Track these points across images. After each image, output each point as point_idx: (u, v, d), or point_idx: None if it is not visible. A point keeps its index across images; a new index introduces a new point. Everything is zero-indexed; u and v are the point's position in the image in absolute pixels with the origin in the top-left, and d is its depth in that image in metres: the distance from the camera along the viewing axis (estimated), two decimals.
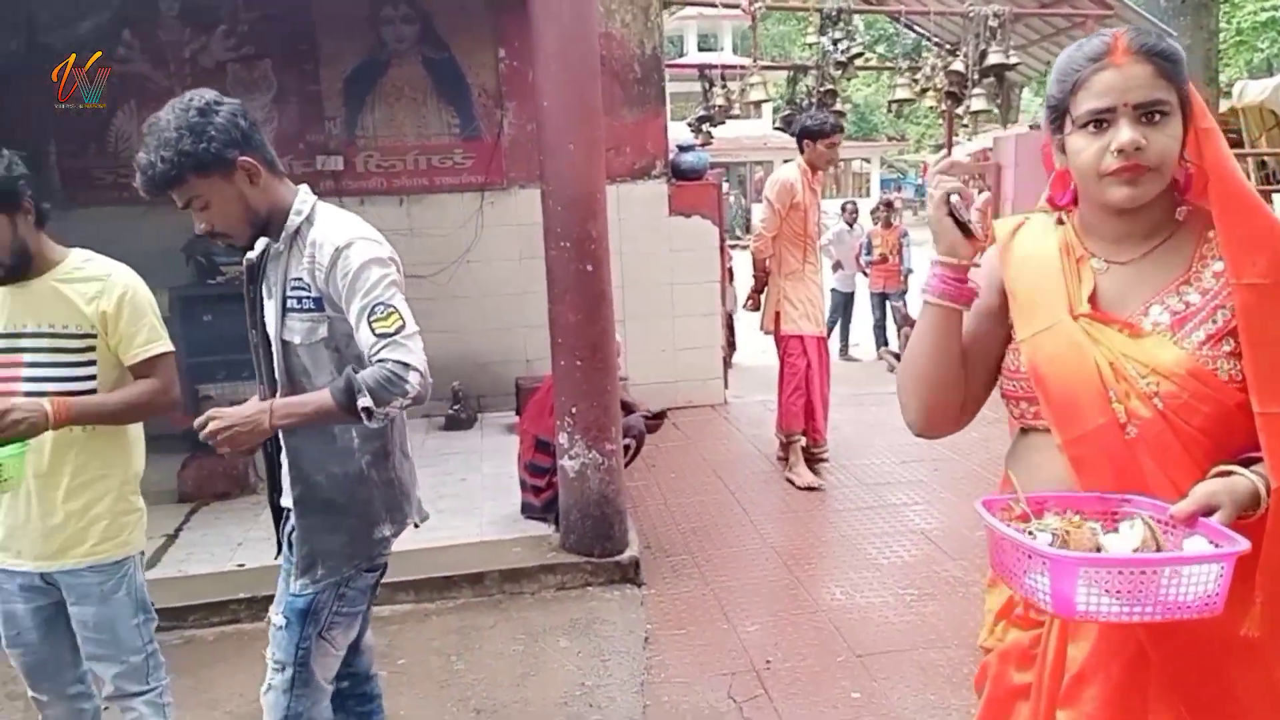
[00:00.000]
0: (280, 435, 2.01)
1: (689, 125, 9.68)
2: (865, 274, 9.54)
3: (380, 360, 1.84)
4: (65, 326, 2.18)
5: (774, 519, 4.77)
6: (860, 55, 7.92)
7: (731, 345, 9.04)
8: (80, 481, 2.23)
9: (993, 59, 7.36)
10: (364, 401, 1.80)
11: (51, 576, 2.26)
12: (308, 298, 1.93)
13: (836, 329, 9.66)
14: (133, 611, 2.34)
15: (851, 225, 9.50)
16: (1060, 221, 1.48)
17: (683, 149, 7.00)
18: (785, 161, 5.70)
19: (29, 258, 2.15)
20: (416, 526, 2.21)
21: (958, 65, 7.72)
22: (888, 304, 9.34)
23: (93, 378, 2.22)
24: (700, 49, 29.44)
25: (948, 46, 8.69)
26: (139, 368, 2.26)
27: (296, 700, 2.05)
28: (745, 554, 4.31)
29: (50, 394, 2.13)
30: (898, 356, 7.91)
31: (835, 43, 7.53)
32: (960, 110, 8.12)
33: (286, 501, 2.09)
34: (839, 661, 3.33)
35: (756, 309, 5.52)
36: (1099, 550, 1.23)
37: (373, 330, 1.85)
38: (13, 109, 5.55)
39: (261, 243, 2.03)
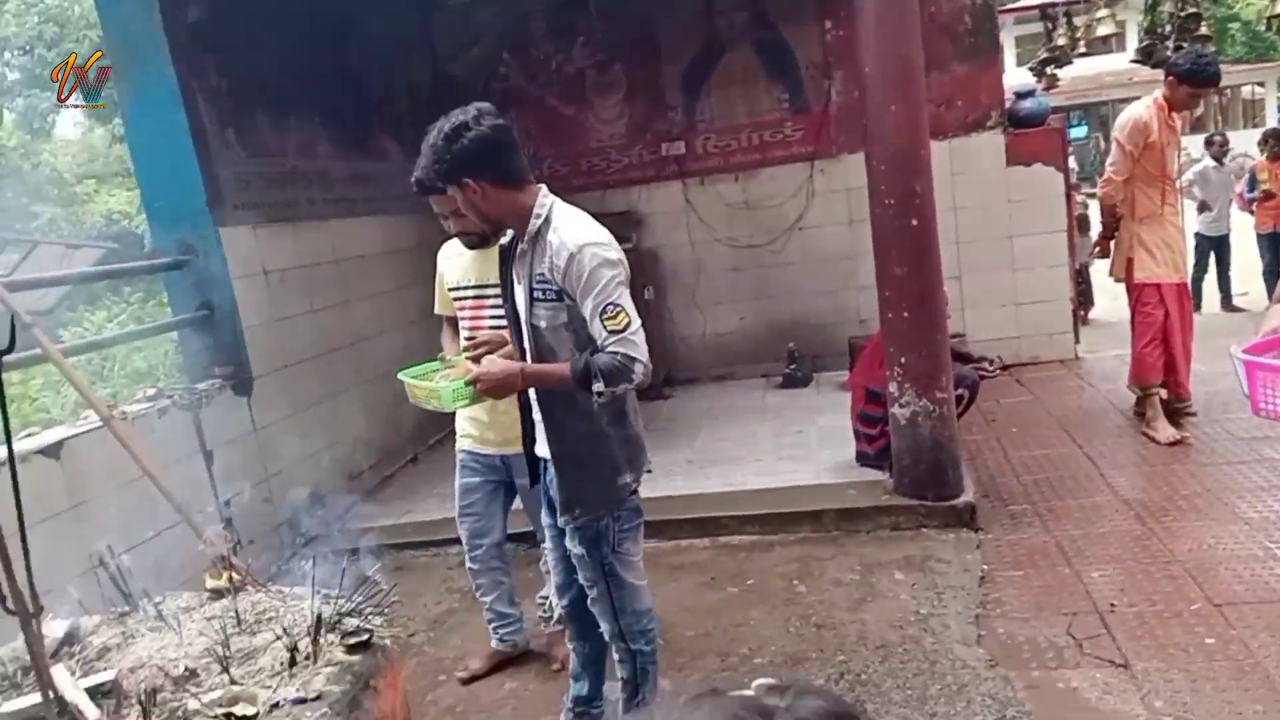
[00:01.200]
0: (534, 399, 2.41)
1: (1030, 70, 9.15)
2: (1251, 212, 8.41)
3: (612, 351, 2.19)
4: None
5: (1127, 472, 4.56)
6: None
7: (1086, 300, 8.45)
8: None
9: None
10: (597, 386, 2.18)
11: (508, 458, 3.04)
12: (550, 289, 2.26)
13: (1210, 278, 8.65)
14: None
15: (1220, 161, 8.37)
16: None
17: (1020, 95, 6.72)
18: None
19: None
20: (649, 472, 2.52)
21: None
22: None
23: None
24: None
25: None
26: None
27: (618, 601, 2.49)
28: (1092, 505, 4.20)
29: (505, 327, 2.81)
30: None
31: None
32: None
33: (540, 451, 2.48)
34: (1193, 609, 3.21)
35: (1105, 256, 5.22)
36: None
37: (604, 326, 2.20)
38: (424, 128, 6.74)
39: (509, 234, 2.40)
